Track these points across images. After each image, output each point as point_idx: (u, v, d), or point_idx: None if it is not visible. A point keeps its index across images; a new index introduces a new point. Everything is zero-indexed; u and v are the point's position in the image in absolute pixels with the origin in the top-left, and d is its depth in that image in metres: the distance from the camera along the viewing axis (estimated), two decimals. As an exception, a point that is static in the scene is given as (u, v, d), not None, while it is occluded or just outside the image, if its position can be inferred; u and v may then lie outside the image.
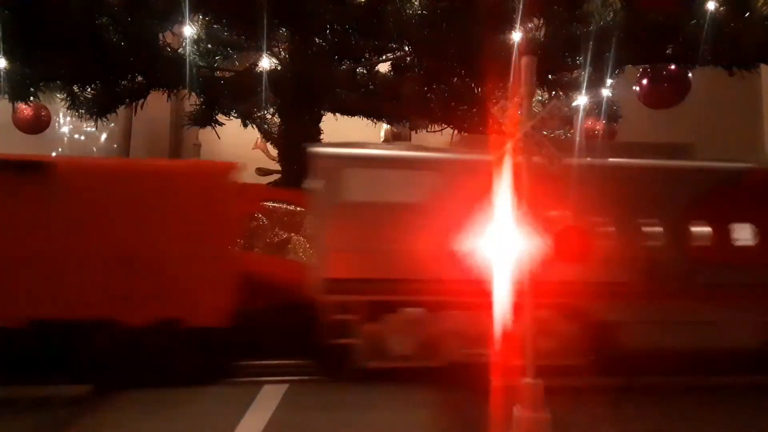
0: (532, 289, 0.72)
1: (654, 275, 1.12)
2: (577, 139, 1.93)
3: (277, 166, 1.81)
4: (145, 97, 1.67)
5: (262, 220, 1.39)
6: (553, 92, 1.72)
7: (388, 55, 1.78)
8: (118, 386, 1.05)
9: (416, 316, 1.10)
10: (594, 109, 1.96)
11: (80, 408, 0.97)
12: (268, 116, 1.96)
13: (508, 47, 1.50)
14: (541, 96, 1.76)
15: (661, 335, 1.11)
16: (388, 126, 2.55)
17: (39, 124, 2.24)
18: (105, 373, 1.03)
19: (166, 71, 1.54)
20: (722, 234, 1.20)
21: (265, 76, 1.58)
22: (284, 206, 1.41)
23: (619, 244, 1.14)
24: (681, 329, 1.12)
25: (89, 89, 1.68)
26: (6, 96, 1.58)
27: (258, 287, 1.16)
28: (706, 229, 1.20)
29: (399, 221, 1.13)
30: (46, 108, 2.20)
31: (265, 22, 1.44)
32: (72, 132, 2.58)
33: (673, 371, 1.08)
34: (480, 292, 0.87)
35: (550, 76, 1.67)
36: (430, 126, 1.99)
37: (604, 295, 1.10)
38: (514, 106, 0.73)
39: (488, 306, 0.81)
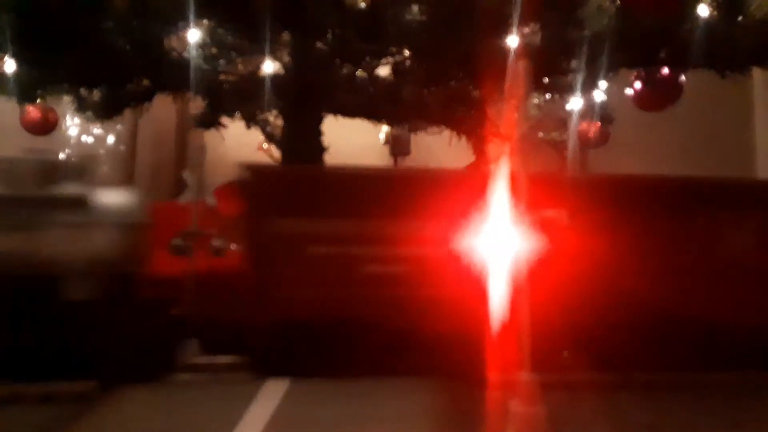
0: (527, 286, 0.74)
1: None
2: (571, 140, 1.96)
3: (280, 167, 1.82)
4: (150, 100, 1.69)
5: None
6: (549, 95, 1.73)
7: (388, 58, 1.79)
8: (120, 382, 1.06)
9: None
10: (588, 112, 1.98)
11: (83, 405, 0.97)
12: (271, 119, 1.97)
13: (505, 51, 1.52)
14: (537, 98, 1.77)
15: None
16: (388, 128, 2.56)
17: (46, 126, 2.25)
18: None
19: (171, 75, 1.56)
20: None
21: (267, 79, 1.61)
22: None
23: None
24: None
25: (96, 92, 1.70)
26: (14, 98, 1.60)
27: None
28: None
29: None
30: (53, 110, 2.21)
31: (267, 26, 1.46)
32: (79, 133, 2.59)
33: (668, 367, 1.09)
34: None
35: (545, 79, 1.68)
36: (428, 128, 2.01)
37: None
38: (511, 109, 0.75)
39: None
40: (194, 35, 1.57)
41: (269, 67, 1.62)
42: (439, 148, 2.54)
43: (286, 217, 1.15)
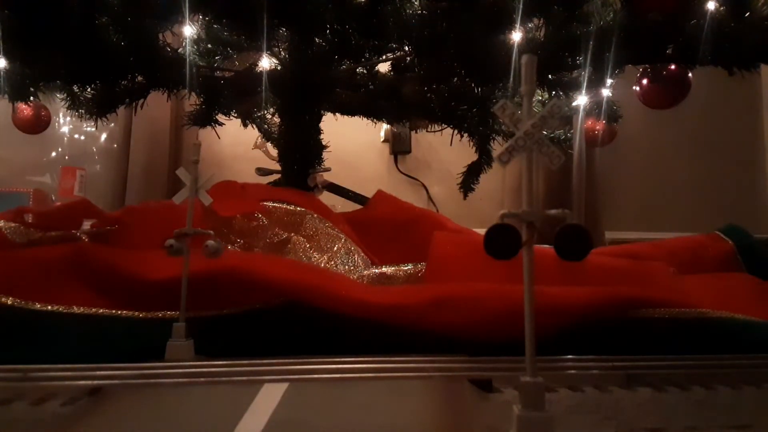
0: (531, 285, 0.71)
1: None
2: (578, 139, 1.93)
3: (277, 166, 1.80)
4: (145, 97, 1.65)
5: (262, 220, 1.38)
6: (553, 92, 1.71)
7: (388, 54, 1.76)
8: (115, 384, 1.04)
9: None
10: (594, 109, 1.95)
11: (78, 407, 0.95)
12: (268, 116, 1.95)
13: (508, 47, 1.49)
14: (541, 96, 1.75)
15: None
16: (388, 126, 2.55)
17: (39, 124, 2.22)
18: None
19: (166, 71, 1.52)
20: None
21: (264, 76, 1.57)
22: (284, 206, 1.40)
23: None
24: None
25: (89, 89, 1.67)
26: (6, 96, 1.57)
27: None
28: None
29: None
30: (45, 108, 2.19)
31: (264, 21, 1.42)
32: (72, 132, 2.58)
33: (671, 367, 1.08)
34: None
35: (550, 76, 1.66)
36: (429, 126, 1.98)
37: None
38: (514, 105, 0.72)
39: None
40: (190, 31, 1.54)
41: (266, 63, 1.59)
42: (440, 146, 2.52)
43: None
